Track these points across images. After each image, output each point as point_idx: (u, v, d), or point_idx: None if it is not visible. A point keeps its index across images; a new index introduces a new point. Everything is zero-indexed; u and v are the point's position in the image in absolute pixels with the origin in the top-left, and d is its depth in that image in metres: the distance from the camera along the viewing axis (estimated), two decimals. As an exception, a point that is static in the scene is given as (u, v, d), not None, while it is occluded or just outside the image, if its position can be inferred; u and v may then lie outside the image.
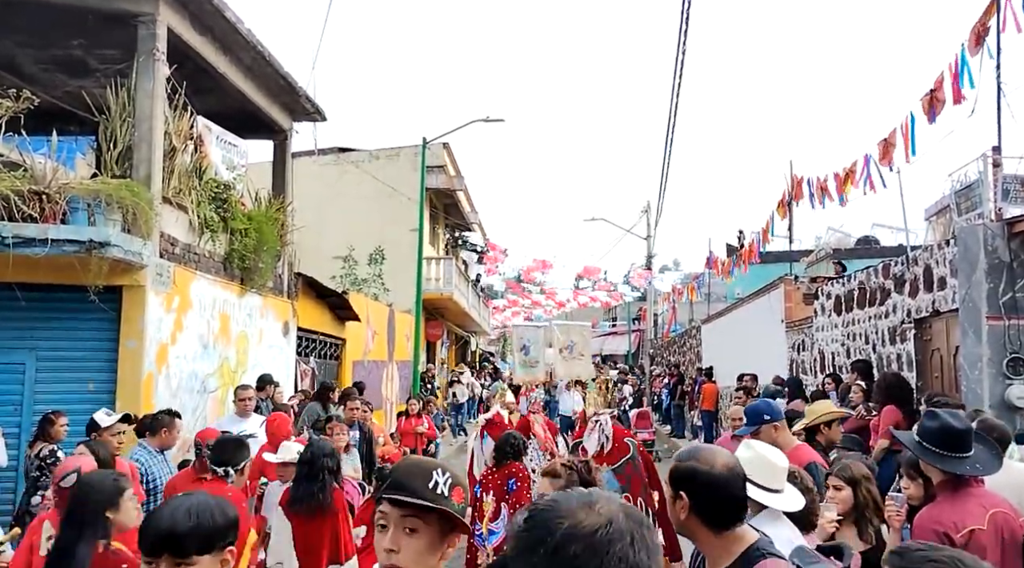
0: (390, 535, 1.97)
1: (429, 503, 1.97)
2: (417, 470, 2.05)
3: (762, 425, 4.54)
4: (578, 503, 1.31)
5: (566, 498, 1.34)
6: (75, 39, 8.90)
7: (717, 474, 2.47)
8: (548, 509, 1.31)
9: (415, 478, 2.01)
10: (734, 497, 2.47)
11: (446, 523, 2.02)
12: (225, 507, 2.43)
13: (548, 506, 1.33)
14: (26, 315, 7.78)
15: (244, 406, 8.09)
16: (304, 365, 12.90)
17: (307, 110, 12.04)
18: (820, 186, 12.97)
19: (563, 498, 1.35)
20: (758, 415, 4.61)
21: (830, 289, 12.66)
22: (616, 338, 43.36)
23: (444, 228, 28.07)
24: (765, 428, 4.51)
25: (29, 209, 7.02)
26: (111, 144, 8.21)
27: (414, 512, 1.98)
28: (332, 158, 22.14)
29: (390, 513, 2.00)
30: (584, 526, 1.26)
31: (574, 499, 1.33)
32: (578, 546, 1.24)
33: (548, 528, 1.27)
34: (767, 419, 4.56)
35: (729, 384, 16.43)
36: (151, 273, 8.03)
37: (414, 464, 2.10)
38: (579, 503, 1.31)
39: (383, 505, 2.03)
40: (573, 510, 1.29)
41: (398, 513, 1.99)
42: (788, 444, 4.39)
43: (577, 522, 1.26)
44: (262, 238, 10.34)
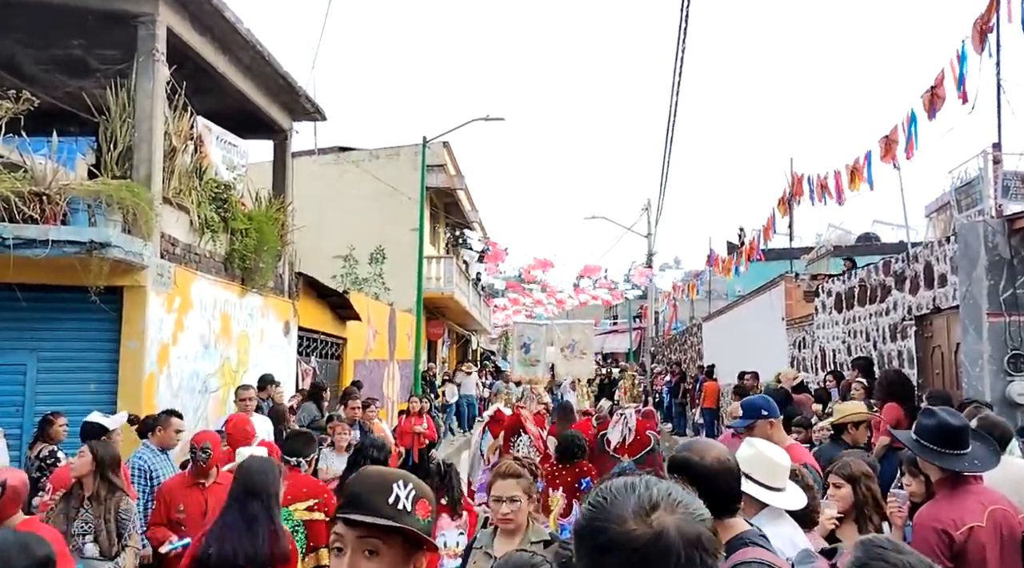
0: (347, 560, 1.76)
1: (389, 522, 1.75)
2: (375, 483, 1.83)
3: (758, 420, 4.47)
4: (635, 508, 1.26)
5: (626, 497, 1.29)
6: (75, 39, 8.90)
7: (708, 465, 2.53)
8: (604, 505, 1.28)
9: (373, 493, 1.79)
10: (724, 489, 2.52)
11: (410, 542, 1.80)
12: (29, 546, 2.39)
13: (606, 500, 1.29)
14: (27, 316, 7.79)
15: (245, 406, 8.10)
16: (305, 364, 12.90)
17: (307, 110, 12.04)
18: (820, 184, 12.97)
19: (623, 496, 1.29)
20: (755, 410, 4.56)
21: (831, 286, 12.66)
22: (617, 336, 43.37)
23: (444, 227, 28.07)
24: (760, 423, 4.45)
25: (30, 210, 7.03)
26: (111, 145, 8.21)
27: (373, 532, 1.76)
28: (332, 157, 22.13)
29: (346, 535, 1.77)
30: (631, 537, 1.21)
31: (633, 501, 1.28)
32: (617, 558, 1.21)
33: (598, 527, 1.25)
34: (764, 415, 4.49)
35: (730, 382, 16.43)
36: (152, 273, 8.04)
37: (372, 476, 1.88)
38: (635, 509, 1.26)
39: (338, 526, 1.80)
40: (625, 517, 1.24)
41: (354, 534, 1.76)
42: (782, 442, 4.33)
43: (626, 531, 1.22)
44: (263, 238, 10.35)
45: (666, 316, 34.69)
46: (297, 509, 4.65)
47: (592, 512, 1.28)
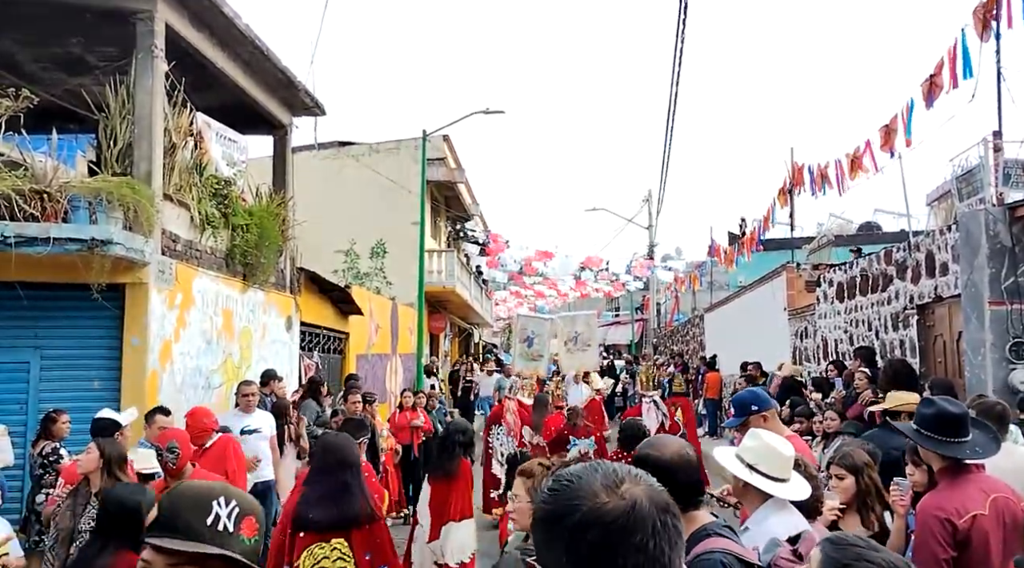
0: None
1: (205, 548, 1.50)
2: (192, 501, 1.58)
3: (750, 416, 4.32)
4: (603, 483, 1.26)
5: (591, 475, 1.29)
6: (74, 37, 8.90)
7: (668, 459, 2.64)
8: (571, 485, 1.27)
9: (189, 513, 1.55)
10: (684, 482, 2.61)
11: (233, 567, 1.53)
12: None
13: (571, 481, 1.28)
14: (30, 314, 7.80)
15: (248, 402, 8.14)
16: (308, 359, 12.92)
17: (306, 105, 12.02)
18: (820, 173, 12.95)
19: (588, 475, 1.29)
20: (745, 406, 4.42)
21: (832, 276, 12.66)
22: (619, 328, 43.40)
23: (445, 220, 28.07)
24: (754, 418, 4.30)
25: (30, 208, 7.03)
26: (111, 142, 8.21)
27: (186, 560, 1.51)
28: (332, 152, 22.11)
29: (154, 562, 1.52)
30: (605, 511, 1.22)
31: (599, 477, 1.28)
32: (595, 532, 1.21)
33: (569, 506, 1.23)
34: (755, 410, 4.35)
35: (733, 372, 16.44)
36: (153, 270, 8.05)
37: (188, 493, 1.63)
38: (604, 484, 1.27)
39: (145, 552, 1.55)
40: (596, 491, 1.24)
41: (164, 562, 1.51)
42: (779, 434, 4.36)
43: (599, 505, 1.22)
44: (264, 233, 10.34)
45: (668, 307, 34.70)
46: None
47: (557, 495, 1.27)
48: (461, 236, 29.29)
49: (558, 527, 1.23)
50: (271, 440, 8.18)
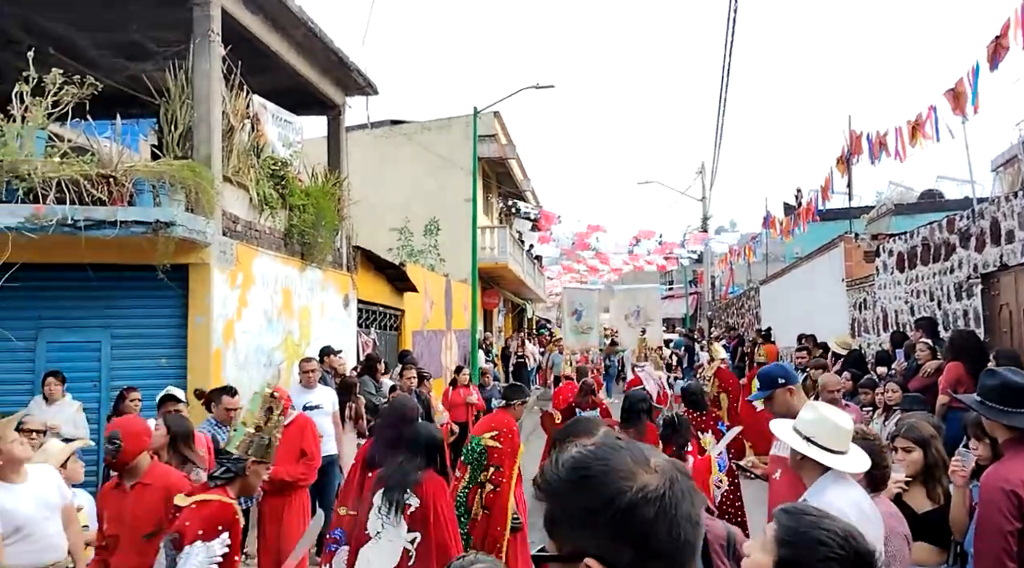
0: None
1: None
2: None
3: (776, 389, 4.21)
4: (634, 461, 1.26)
5: (618, 454, 1.27)
6: (133, 23, 9.10)
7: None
8: (607, 468, 1.25)
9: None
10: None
11: None
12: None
13: (605, 464, 1.26)
14: (100, 295, 8.09)
15: (308, 378, 8.28)
16: (365, 336, 13.14)
17: (359, 84, 12.13)
18: (880, 141, 12.64)
19: (614, 455, 1.27)
20: (772, 379, 4.27)
21: (892, 246, 12.39)
22: (673, 301, 43.10)
23: (497, 197, 28.09)
24: (779, 392, 4.20)
25: (98, 192, 7.27)
26: (172, 126, 8.41)
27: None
28: (385, 131, 22.28)
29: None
30: (652, 489, 1.22)
31: (627, 455, 1.27)
32: (650, 509, 1.21)
33: (615, 489, 1.22)
34: (781, 383, 4.23)
35: (789, 345, 16.25)
36: (215, 251, 8.26)
37: None
38: (635, 461, 1.26)
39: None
40: (633, 470, 1.24)
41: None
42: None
43: (644, 484, 1.22)
44: (320, 213, 10.52)
45: (723, 280, 34.31)
46: (484, 437, 6.09)
47: (594, 480, 1.24)
48: (513, 212, 29.31)
49: (604, 513, 1.22)
50: (333, 415, 8.35)
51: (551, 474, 1.29)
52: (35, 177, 7.04)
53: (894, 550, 3.30)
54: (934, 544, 4.04)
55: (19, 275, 7.21)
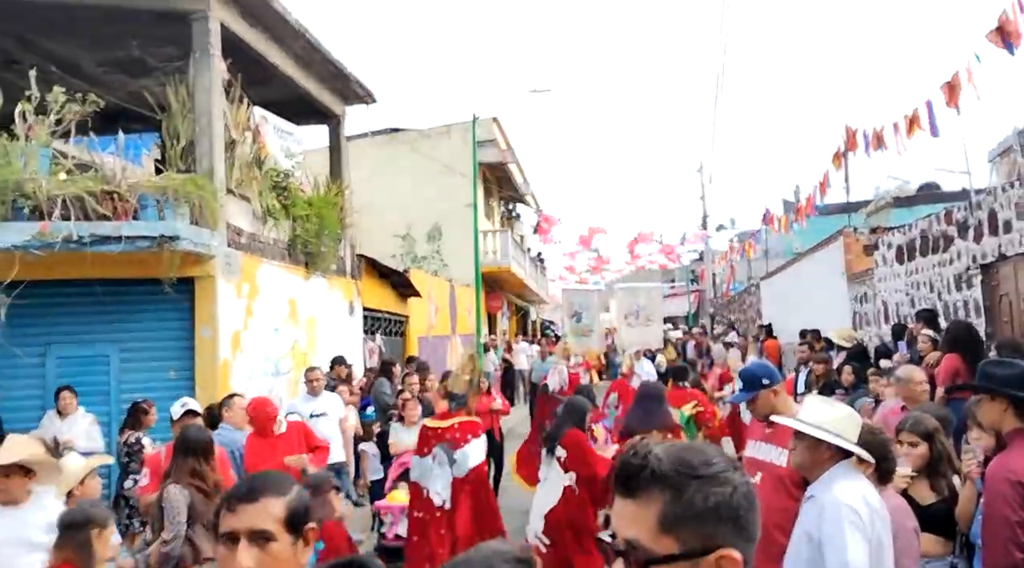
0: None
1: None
2: None
3: (760, 390, 3.97)
4: (727, 465, 1.33)
5: (704, 457, 1.33)
6: (133, 39, 9.19)
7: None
8: (724, 464, 1.33)
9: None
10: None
11: None
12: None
13: (721, 460, 1.33)
14: (108, 309, 8.16)
15: (314, 387, 8.32)
16: (371, 343, 13.21)
17: (358, 94, 12.21)
18: (876, 135, 12.70)
19: (713, 453, 1.34)
20: (756, 379, 4.01)
21: (891, 239, 12.44)
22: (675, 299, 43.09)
23: (498, 201, 28.14)
24: (763, 393, 3.96)
25: (102, 208, 7.34)
26: (174, 140, 8.49)
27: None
28: (385, 139, 22.32)
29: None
30: (748, 487, 1.32)
31: (714, 457, 1.34)
32: (751, 501, 1.32)
33: (735, 483, 1.30)
34: (765, 384, 3.97)
35: (791, 340, 16.29)
36: (220, 263, 8.33)
37: None
38: (727, 465, 1.33)
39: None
40: (729, 475, 1.31)
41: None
42: (787, 408, 3.95)
43: (742, 482, 1.32)
44: (323, 222, 10.59)
45: (723, 277, 34.36)
46: (685, 409, 7.60)
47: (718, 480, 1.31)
48: (514, 216, 29.37)
49: (730, 507, 1.29)
50: (340, 422, 8.41)
51: (671, 471, 1.30)
52: (40, 195, 7.12)
53: (903, 544, 3.30)
54: (939, 535, 4.06)
55: (27, 292, 7.27)
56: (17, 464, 3.93)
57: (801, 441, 3.27)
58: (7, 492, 3.92)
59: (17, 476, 3.93)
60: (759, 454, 3.95)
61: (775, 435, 3.89)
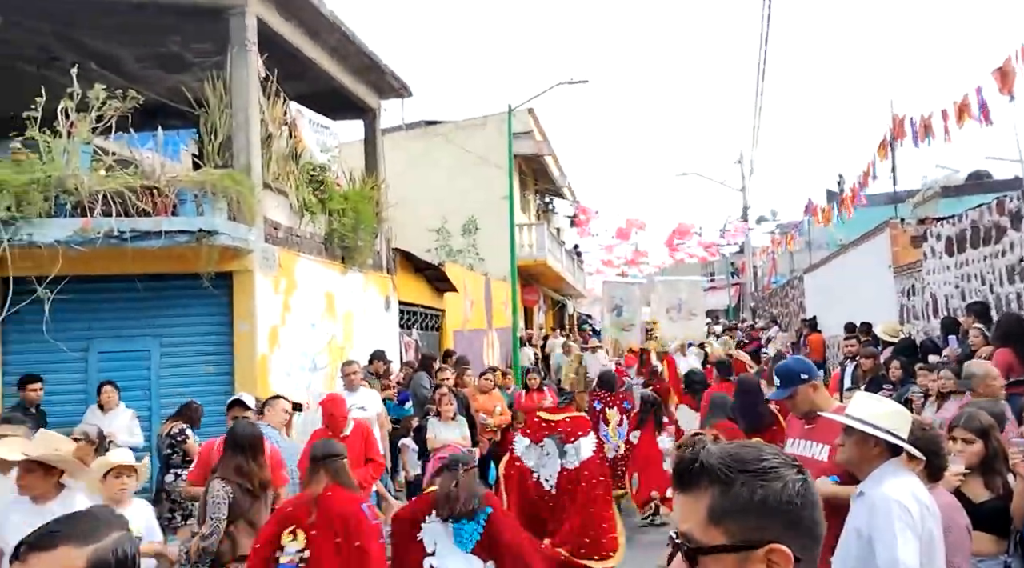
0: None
1: None
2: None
3: (799, 386, 3.91)
4: (781, 462, 1.35)
5: (757, 453, 1.35)
6: (171, 36, 9.24)
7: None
8: (778, 461, 1.34)
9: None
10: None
11: None
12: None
13: (775, 457, 1.35)
14: (148, 304, 8.22)
15: (351, 381, 8.32)
16: (407, 337, 13.22)
17: (393, 87, 12.19)
18: (924, 123, 12.37)
19: (770, 452, 1.36)
20: (794, 375, 3.94)
21: (940, 230, 12.11)
22: (715, 293, 42.66)
23: (534, 194, 28.04)
24: (802, 389, 3.90)
25: (142, 204, 7.39)
26: (212, 135, 8.53)
27: None
28: (420, 132, 22.35)
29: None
30: (803, 485, 1.33)
31: (767, 453, 1.36)
32: (809, 498, 1.33)
33: (787, 480, 1.32)
34: (804, 379, 3.91)
35: (836, 334, 15.98)
36: (258, 257, 8.35)
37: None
38: (782, 462, 1.35)
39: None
40: (781, 471, 1.33)
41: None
42: (827, 404, 3.92)
43: (797, 479, 1.33)
44: (359, 217, 10.59)
45: (765, 270, 33.93)
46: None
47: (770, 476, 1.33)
48: (550, 209, 29.25)
49: (781, 503, 1.31)
50: (378, 417, 8.40)
51: (720, 465, 1.34)
52: (82, 191, 7.19)
53: (955, 541, 3.23)
54: (993, 534, 3.93)
55: (70, 287, 7.35)
56: (38, 461, 3.90)
57: (850, 437, 3.22)
58: (31, 488, 3.90)
59: (38, 472, 3.91)
60: (798, 451, 3.90)
61: (815, 431, 3.85)
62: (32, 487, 3.90)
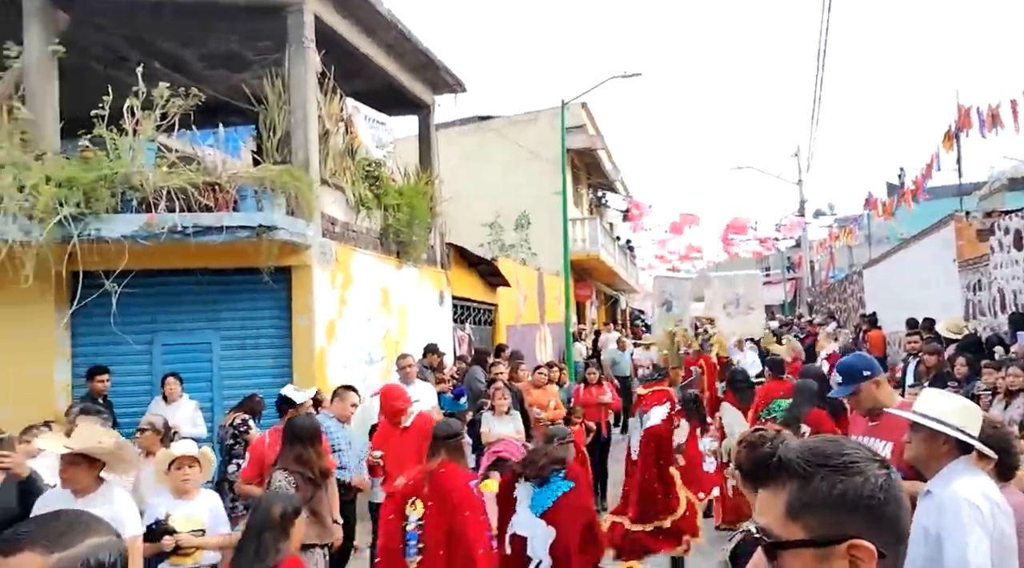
0: None
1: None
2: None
3: (861, 383, 3.83)
4: (863, 456, 1.32)
5: (837, 447, 1.34)
6: (232, 34, 9.42)
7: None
8: (862, 456, 1.32)
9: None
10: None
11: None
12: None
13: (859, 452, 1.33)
14: (209, 298, 8.42)
15: (407, 374, 8.35)
16: (460, 331, 13.29)
17: (448, 82, 12.24)
18: (991, 113, 12.00)
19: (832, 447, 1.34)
20: (856, 372, 3.86)
21: (1008, 223, 11.74)
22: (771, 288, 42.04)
23: (587, 188, 27.93)
24: (865, 386, 3.83)
25: (204, 199, 7.55)
26: (271, 132, 8.67)
27: None
28: (473, 127, 22.40)
29: None
30: (888, 481, 1.31)
31: (848, 448, 1.34)
32: (893, 494, 1.31)
33: (871, 475, 1.30)
34: (867, 375, 3.83)
35: (896, 330, 15.62)
36: (316, 252, 8.48)
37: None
38: (864, 456, 1.33)
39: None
40: (863, 466, 1.31)
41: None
42: (891, 400, 3.84)
43: (880, 475, 1.31)
44: (414, 212, 10.68)
45: (822, 264, 33.31)
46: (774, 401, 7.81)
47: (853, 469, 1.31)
48: (603, 203, 29.10)
49: (865, 498, 1.29)
50: (432, 411, 8.44)
51: (798, 459, 1.32)
52: (147, 187, 7.37)
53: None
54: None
55: (135, 281, 7.54)
56: (82, 453, 3.88)
57: (917, 434, 3.15)
58: (74, 480, 3.86)
59: (83, 465, 3.89)
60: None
61: (879, 428, 3.78)
62: (75, 480, 3.87)
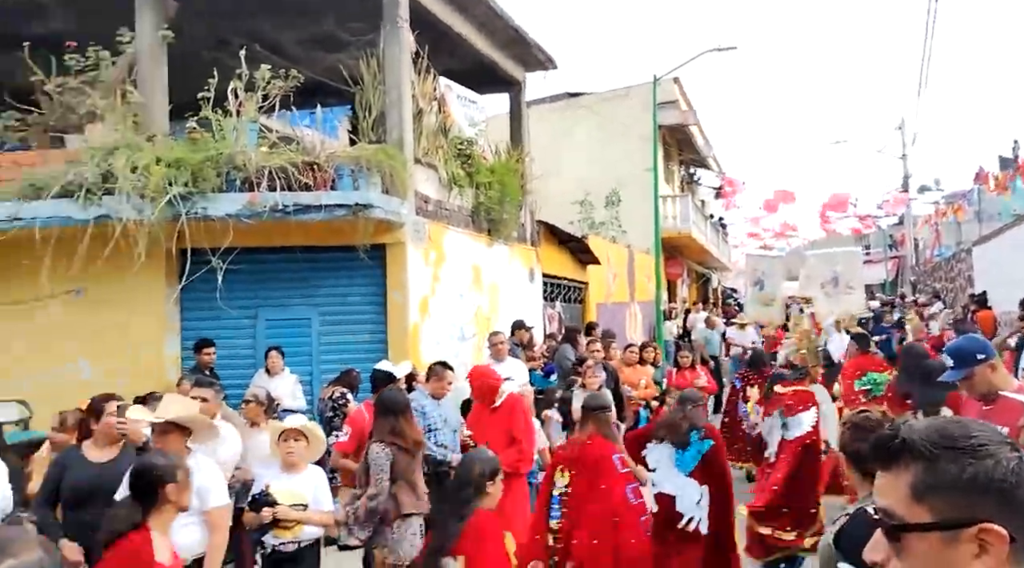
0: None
1: None
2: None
3: (975, 366, 3.67)
4: (992, 438, 1.29)
5: (965, 429, 1.31)
6: (328, 16, 9.59)
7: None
8: (992, 438, 1.29)
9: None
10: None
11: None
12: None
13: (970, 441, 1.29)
14: (308, 275, 8.66)
15: (498, 351, 8.40)
16: (551, 309, 13.31)
17: (539, 59, 12.19)
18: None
19: (959, 430, 1.31)
20: (969, 355, 3.70)
21: None
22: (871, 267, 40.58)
23: (678, 165, 27.48)
24: (980, 369, 3.66)
25: (304, 178, 7.76)
26: (366, 112, 8.84)
27: None
28: (563, 104, 22.28)
29: None
30: (1021, 464, 1.27)
31: (976, 430, 1.30)
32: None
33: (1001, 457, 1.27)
34: (980, 359, 3.66)
35: (1009, 310, 14.89)
36: (409, 230, 8.62)
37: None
38: (993, 438, 1.29)
39: None
40: (993, 449, 1.27)
41: None
42: (1008, 384, 3.67)
43: (1012, 457, 1.27)
44: (505, 190, 10.72)
45: (927, 242, 31.93)
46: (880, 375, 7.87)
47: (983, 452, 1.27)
48: (695, 180, 28.58)
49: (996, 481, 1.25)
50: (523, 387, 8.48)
51: (923, 441, 1.30)
52: (250, 167, 7.62)
53: None
54: None
55: (240, 258, 7.82)
56: (174, 422, 4.06)
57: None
58: (166, 449, 3.94)
59: (174, 434, 4.05)
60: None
61: (994, 412, 3.63)
62: (167, 449, 3.96)
